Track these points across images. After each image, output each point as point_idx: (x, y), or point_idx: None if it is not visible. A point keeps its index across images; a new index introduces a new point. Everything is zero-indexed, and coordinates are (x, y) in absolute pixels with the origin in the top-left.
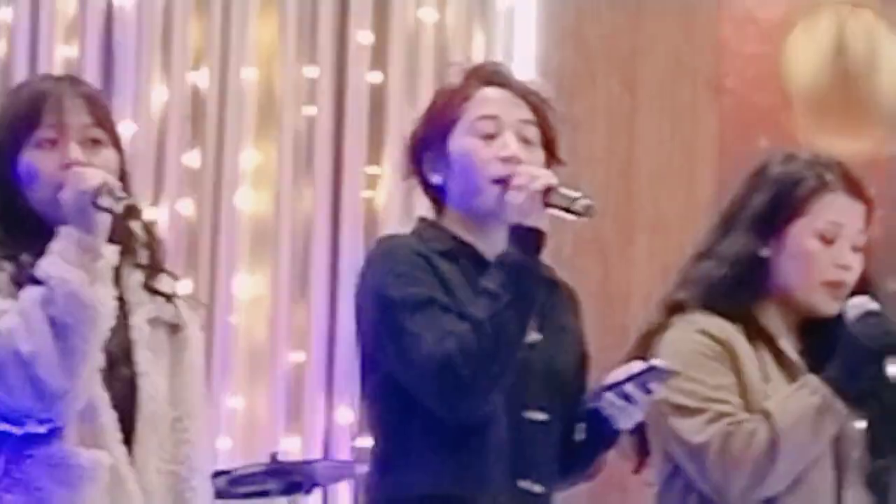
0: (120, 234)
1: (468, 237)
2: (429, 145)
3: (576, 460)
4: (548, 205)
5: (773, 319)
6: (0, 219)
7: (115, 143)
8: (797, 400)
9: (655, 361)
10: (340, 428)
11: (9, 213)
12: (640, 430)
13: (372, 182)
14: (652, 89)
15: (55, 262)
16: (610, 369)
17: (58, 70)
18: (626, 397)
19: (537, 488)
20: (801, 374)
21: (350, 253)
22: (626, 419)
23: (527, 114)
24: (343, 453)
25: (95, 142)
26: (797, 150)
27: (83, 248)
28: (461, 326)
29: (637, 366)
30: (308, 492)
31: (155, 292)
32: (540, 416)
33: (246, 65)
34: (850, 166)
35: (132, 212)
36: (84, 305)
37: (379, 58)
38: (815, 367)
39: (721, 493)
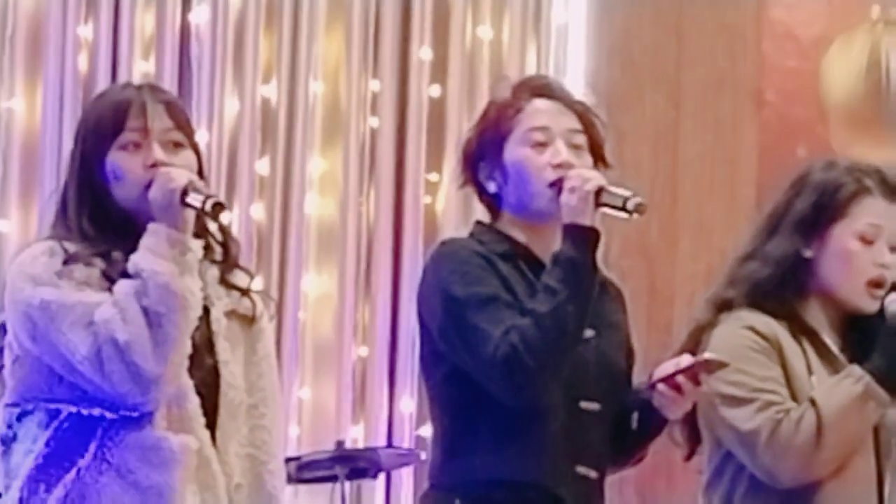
0: (198, 232)
1: (523, 239)
2: (483, 155)
3: (626, 447)
4: (600, 204)
5: (816, 316)
6: (90, 217)
7: (194, 145)
8: (842, 389)
9: (705, 355)
10: (402, 417)
11: (98, 211)
12: (691, 420)
13: (431, 188)
14: (695, 102)
15: (146, 256)
16: (656, 365)
17: None
18: (677, 388)
19: (592, 474)
20: (842, 368)
21: (411, 254)
22: (675, 409)
23: (575, 123)
24: (405, 441)
25: (176, 144)
26: (837, 157)
27: (172, 243)
28: (523, 321)
29: (686, 359)
30: (373, 477)
31: (231, 287)
32: (594, 406)
33: (313, 78)
34: (889, 172)
35: (219, 208)
36: (175, 295)
37: (438, 72)
38: (856, 361)
39: (771, 477)
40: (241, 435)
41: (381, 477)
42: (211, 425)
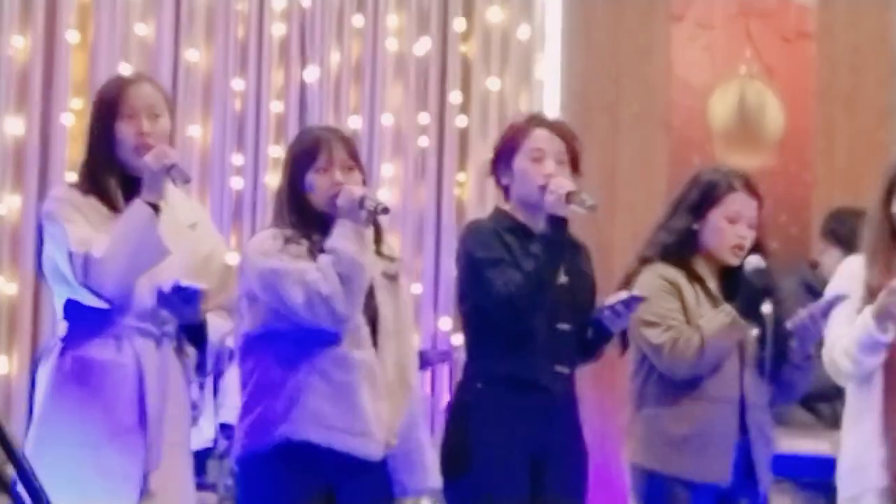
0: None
1: (522, 220)
2: (501, 161)
3: (587, 351)
4: (569, 202)
5: (703, 268)
6: (297, 214)
7: (360, 168)
8: (717, 319)
9: (635, 292)
10: (442, 331)
11: (301, 210)
12: (623, 334)
13: (460, 185)
14: (627, 128)
15: (339, 241)
16: (603, 298)
17: (272, 121)
18: (617, 313)
19: (566, 370)
20: (720, 303)
21: (447, 226)
22: (617, 326)
23: (561, 146)
24: (444, 345)
25: (350, 168)
26: (718, 165)
27: (355, 232)
28: (518, 275)
29: (624, 294)
30: (423, 369)
31: (382, 255)
32: (566, 327)
33: (384, 113)
34: (750, 175)
35: (384, 210)
36: (359, 266)
37: (464, 110)
38: (728, 297)
39: (671, 374)
40: (394, 350)
41: (429, 369)
42: (374, 344)
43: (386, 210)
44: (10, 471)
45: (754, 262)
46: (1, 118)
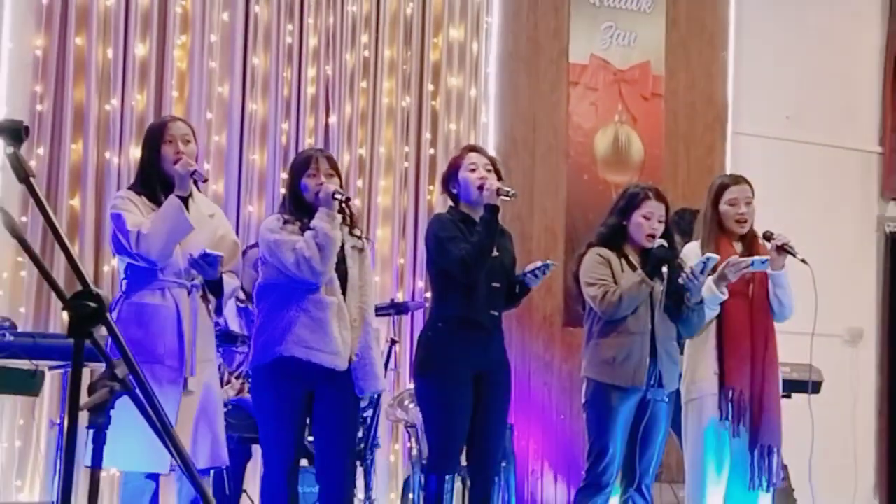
0: (343, 211)
1: (468, 213)
2: (451, 178)
3: (512, 301)
4: (499, 194)
5: (629, 249)
6: (294, 205)
7: (339, 175)
8: (631, 278)
9: (549, 261)
10: (419, 289)
11: (297, 202)
12: (580, 293)
13: (430, 193)
14: (540, 156)
15: (318, 222)
16: (523, 265)
17: (307, 141)
18: (535, 275)
19: (496, 313)
20: (637, 270)
21: (422, 221)
22: (534, 284)
23: (487, 160)
24: (419, 298)
25: (331, 175)
26: (640, 182)
27: (329, 216)
28: (467, 245)
29: (539, 262)
30: (405, 314)
31: (353, 235)
32: (497, 285)
33: (381, 146)
34: (658, 187)
35: (347, 200)
36: (330, 238)
37: (433, 144)
38: (643, 266)
39: (604, 315)
40: (357, 298)
41: (409, 313)
42: (343, 293)
43: (348, 199)
44: (131, 380)
45: (658, 243)
46: (128, 149)
